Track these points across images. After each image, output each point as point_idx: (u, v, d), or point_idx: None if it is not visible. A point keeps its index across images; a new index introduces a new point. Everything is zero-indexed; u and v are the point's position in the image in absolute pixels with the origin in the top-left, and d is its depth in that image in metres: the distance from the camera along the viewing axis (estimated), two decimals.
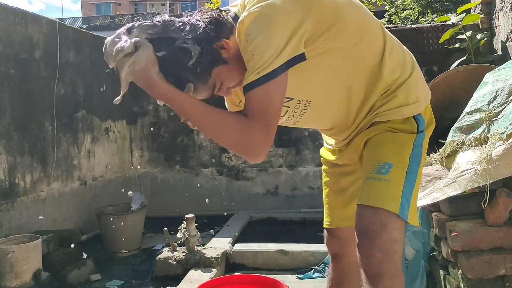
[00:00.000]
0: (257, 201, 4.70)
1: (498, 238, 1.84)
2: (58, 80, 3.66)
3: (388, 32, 1.35)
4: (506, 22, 3.21)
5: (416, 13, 12.59)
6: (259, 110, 1.11)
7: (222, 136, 1.16)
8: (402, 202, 1.22)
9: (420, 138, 1.31)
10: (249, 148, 1.13)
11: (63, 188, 3.71)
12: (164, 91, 1.14)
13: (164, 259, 3.04)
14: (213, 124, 1.15)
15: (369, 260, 1.20)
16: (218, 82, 1.19)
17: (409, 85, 1.31)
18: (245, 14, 1.13)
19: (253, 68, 1.10)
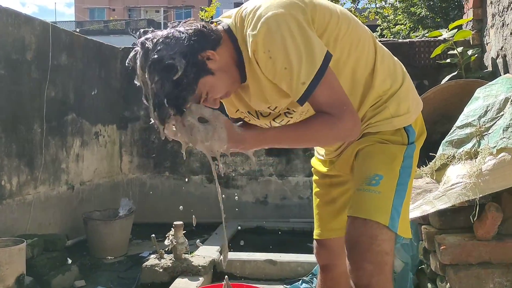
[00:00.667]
0: (246, 210, 4.67)
1: (486, 253, 1.85)
2: (49, 82, 3.63)
3: (379, 43, 1.36)
4: (497, 39, 3.26)
5: (407, 28, 12.73)
6: (332, 103, 1.16)
7: (324, 141, 1.26)
8: (392, 214, 1.22)
9: (410, 149, 1.32)
10: (349, 134, 1.22)
11: (50, 192, 3.66)
12: (255, 139, 1.20)
13: (150, 267, 3.00)
14: (309, 137, 1.21)
15: (359, 272, 1.20)
16: (204, 92, 1.19)
17: (400, 96, 1.32)
18: (252, 33, 1.14)
19: (294, 81, 1.13)
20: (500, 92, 2.09)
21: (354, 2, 11.79)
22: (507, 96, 2.03)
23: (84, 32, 16.17)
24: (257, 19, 1.13)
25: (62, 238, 3.24)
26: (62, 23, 26.48)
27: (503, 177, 1.82)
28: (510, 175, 1.81)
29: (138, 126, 4.84)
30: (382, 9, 13.19)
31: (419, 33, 10.95)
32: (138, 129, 4.84)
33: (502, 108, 2.02)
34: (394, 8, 13.68)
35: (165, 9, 35.29)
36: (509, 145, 1.84)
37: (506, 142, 1.86)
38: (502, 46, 3.15)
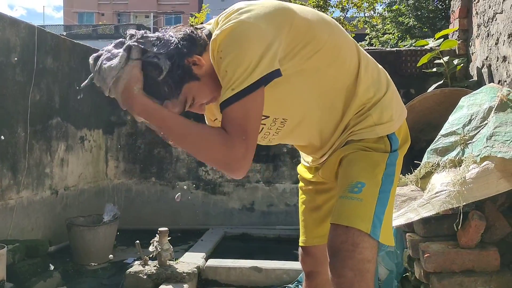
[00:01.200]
0: (233, 216, 4.65)
1: (469, 261, 1.85)
2: (34, 85, 3.59)
3: (363, 51, 1.36)
4: (482, 49, 3.30)
5: (396, 37, 12.90)
6: (237, 126, 1.10)
7: (203, 151, 1.15)
8: (374, 221, 1.21)
9: (393, 157, 1.32)
10: (229, 163, 1.12)
11: (33, 197, 3.60)
12: (144, 106, 1.13)
13: (134, 273, 2.96)
14: (193, 138, 1.13)
15: (340, 280, 1.19)
16: (189, 97, 1.18)
17: (383, 104, 1.32)
18: (217, 32, 1.13)
19: (228, 84, 1.10)
20: (484, 101, 2.11)
21: (343, 11, 11.91)
22: (491, 105, 2.05)
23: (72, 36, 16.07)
24: (227, 20, 1.13)
25: (45, 244, 3.18)
26: (50, 26, 26.31)
27: (486, 185, 1.83)
28: (493, 183, 1.82)
29: (124, 131, 4.80)
30: (371, 18, 13.34)
31: (407, 42, 11.08)
32: (124, 134, 4.80)
33: (486, 117, 2.04)
34: (382, 18, 13.83)
35: (154, 15, 35.26)
36: (493, 154, 1.85)
37: (490, 151, 1.87)
38: (487, 56, 3.19)
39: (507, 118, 1.97)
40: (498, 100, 2.04)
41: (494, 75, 3.06)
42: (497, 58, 2.99)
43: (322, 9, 11.37)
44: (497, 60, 2.99)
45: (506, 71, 2.83)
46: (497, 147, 1.87)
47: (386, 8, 13.56)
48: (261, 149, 4.61)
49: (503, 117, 1.98)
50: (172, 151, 4.75)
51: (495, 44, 3.02)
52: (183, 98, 1.18)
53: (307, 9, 1.27)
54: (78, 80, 4.18)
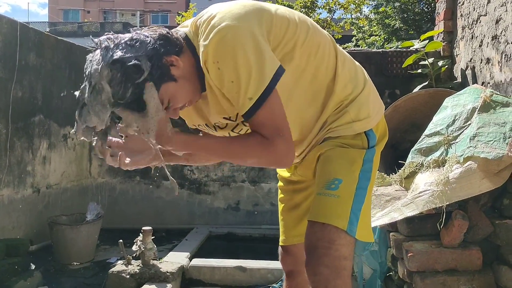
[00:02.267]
0: (218, 216, 4.63)
1: (452, 260, 1.86)
2: (16, 82, 3.52)
3: (339, 48, 1.36)
4: (466, 51, 3.33)
5: (382, 39, 12.99)
6: (271, 128, 1.14)
7: (251, 160, 1.20)
8: (350, 218, 1.21)
9: (370, 153, 1.32)
10: (279, 161, 1.19)
11: (14, 195, 3.53)
12: (184, 143, 1.17)
13: (117, 273, 2.92)
14: (238, 153, 1.18)
15: (316, 277, 1.19)
16: (165, 100, 1.16)
17: (360, 101, 1.32)
18: (205, 42, 1.12)
19: (242, 95, 1.11)
20: (468, 102, 2.12)
21: (330, 12, 11.96)
22: (475, 105, 2.07)
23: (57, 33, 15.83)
24: (210, 28, 1.12)
25: (25, 243, 3.13)
26: (34, 23, 25.92)
27: (469, 185, 1.84)
28: (476, 183, 1.83)
29: None
30: (357, 20, 13.43)
31: (393, 45, 11.18)
32: None
33: (470, 117, 2.06)
34: (369, 20, 13.93)
35: (141, 13, 35.01)
36: (476, 154, 1.87)
37: (473, 151, 1.89)
38: (471, 58, 3.22)
39: (490, 118, 1.98)
40: (481, 101, 2.06)
41: (477, 76, 3.10)
42: (481, 60, 3.03)
43: (309, 10, 11.41)
44: (481, 62, 3.03)
45: (489, 73, 2.87)
46: (480, 147, 1.89)
47: (373, 10, 13.66)
48: None
49: (486, 118, 1.99)
50: None
51: (479, 46, 3.05)
52: (160, 100, 1.15)
53: (283, 8, 1.28)
54: (61, 77, 4.12)
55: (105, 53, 1.11)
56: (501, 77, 2.67)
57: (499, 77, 2.70)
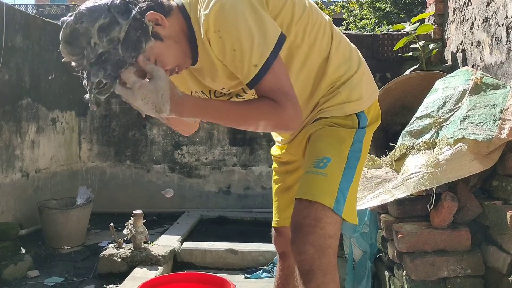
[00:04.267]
0: (209, 199, 4.64)
1: (441, 241, 1.88)
2: (2, 64, 3.46)
3: (336, 29, 1.36)
4: (457, 34, 3.33)
5: (372, 23, 12.93)
6: (278, 92, 1.14)
7: (263, 124, 1.19)
8: (338, 197, 1.21)
9: (360, 134, 1.32)
10: (287, 124, 1.18)
11: (2, 179, 3.50)
12: (196, 105, 1.15)
13: (108, 256, 2.92)
14: (250, 117, 1.17)
15: (301, 256, 1.18)
16: (152, 59, 1.14)
17: (353, 83, 1.32)
18: (205, 12, 1.11)
19: (246, 62, 1.10)
20: (459, 84, 2.13)
21: None
22: (465, 88, 2.07)
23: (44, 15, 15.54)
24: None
25: (15, 227, 3.11)
26: (21, 5, 25.44)
27: (459, 167, 1.85)
28: (466, 165, 1.85)
29: (98, 113, 4.70)
30: (348, 3, 13.34)
31: (384, 28, 11.13)
32: (98, 116, 4.70)
33: (460, 99, 2.06)
34: (360, 3, 13.85)
35: None
36: (466, 136, 1.88)
37: (463, 133, 1.89)
38: (462, 40, 3.22)
39: (480, 101, 1.99)
40: (472, 83, 2.07)
41: (468, 59, 3.10)
42: (471, 43, 3.03)
43: None
44: (471, 44, 3.03)
45: (480, 56, 2.87)
46: (470, 129, 1.89)
47: None
48: (237, 132, 4.59)
49: (477, 100, 2.00)
50: (147, 133, 4.68)
51: (469, 29, 3.05)
52: (146, 58, 1.14)
53: None
54: (49, 59, 4.05)
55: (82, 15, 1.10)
56: (491, 60, 2.67)
57: (489, 59, 2.70)
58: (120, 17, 1.08)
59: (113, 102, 4.66)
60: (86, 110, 4.69)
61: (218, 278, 1.95)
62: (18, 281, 2.84)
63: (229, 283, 1.85)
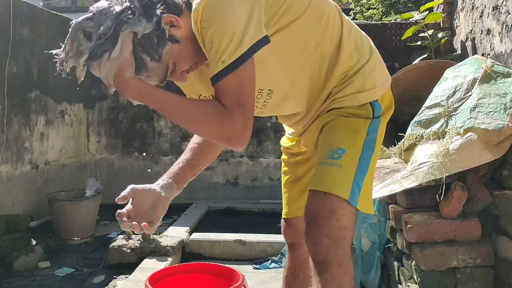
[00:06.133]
0: (217, 191, 4.65)
1: (451, 231, 1.87)
2: (10, 57, 3.47)
3: (345, 17, 1.33)
4: (467, 22, 3.29)
5: (380, 12, 12.81)
6: (233, 98, 1.07)
7: (202, 127, 1.12)
8: (353, 188, 1.19)
9: (375, 124, 1.29)
10: (230, 137, 1.10)
11: (12, 171, 3.53)
12: (138, 90, 1.10)
13: (118, 247, 2.95)
14: (191, 115, 1.10)
15: (316, 247, 1.17)
16: (171, 63, 1.13)
17: (366, 71, 1.29)
18: (197, 1, 1.08)
19: (216, 56, 1.06)
20: (469, 72, 2.10)
21: None
22: (475, 76, 2.05)
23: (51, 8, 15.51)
24: None
25: (25, 218, 3.14)
26: None
27: (469, 156, 1.84)
28: (476, 154, 1.83)
29: (106, 105, 4.72)
30: None
31: (391, 18, 11.03)
32: (106, 108, 4.72)
33: (470, 88, 2.03)
34: None
35: None
36: (476, 125, 1.86)
37: (473, 122, 1.87)
38: (471, 29, 3.18)
39: (490, 89, 1.97)
40: (482, 71, 2.04)
41: (477, 48, 3.06)
42: (481, 31, 2.99)
43: None
44: (481, 33, 2.99)
45: (489, 44, 2.83)
46: (481, 118, 1.87)
47: None
48: None
49: (487, 89, 1.98)
50: (155, 125, 4.69)
51: (479, 17, 3.01)
52: (164, 64, 1.12)
53: None
54: None
55: (116, 18, 1.08)
56: (501, 48, 2.64)
57: (499, 48, 2.67)
58: (142, 18, 1.07)
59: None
60: (94, 103, 4.71)
61: (227, 269, 1.95)
62: (30, 272, 2.88)
63: (238, 274, 1.85)
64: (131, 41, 1.07)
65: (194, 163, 1.40)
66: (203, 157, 1.41)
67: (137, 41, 1.07)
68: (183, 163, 1.40)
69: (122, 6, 1.08)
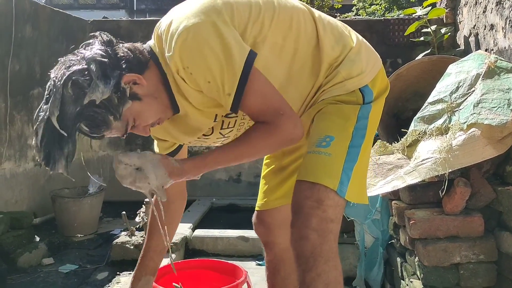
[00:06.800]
0: (220, 187, 4.65)
1: (454, 227, 1.87)
2: (13, 55, 3.47)
3: (317, 12, 1.31)
4: (470, 17, 3.27)
5: (382, 8, 12.77)
6: (267, 111, 1.12)
7: (267, 150, 1.23)
8: (341, 178, 1.15)
9: (365, 110, 1.25)
10: (290, 139, 1.16)
11: (15, 169, 3.54)
12: (194, 169, 1.17)
13: (121, 244, 2.96)
14: (250, 153, 1.18)
15: (302, 242, 1.13)
16: (130, 119, 1.14)
17: (350, 59, 1.26)
18: (169, 53, 1.08)
19: (220, 93, 1.09)
20: (472, 68, 2.09)
21: None
22: (479, 72, 2.04)
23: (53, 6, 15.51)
24: (170, 37, 1.08)
25: (29, 215, 3.15)
26: None
27: (472, 152, 1.83)
28: (479, 150, 1.82)
29: None
30: None
31: (394, 14, 10.99)
32: None
33: (474, 84, 2.03)
34: None
35: None
36: (479, 121, 1.85)
37: (476, 118, 1.87)
38: (474, 24, 3.17)
39: (494, 85, 1.96)
40: (485, 67, 2.03)
41: (481, 43, 3.05)
42: (484, 27, 2.97)
43: None
44: (484, 28, 2.98)
45: (493, 40, 2.82)
46: (484, 114, 1.87)
47: None
48: None
49: (491, 84, 1.97)
50: None
51: (482, 12, 3.00)
52: (124, 121, 1.13)
53: None
54: (59, 50, 4.06)
55: (64, 72, 1.09)
56: (505, 44, 2.62)
57: (502, 43, 2.66)
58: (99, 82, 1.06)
59: None
60: None
61: (230, 265, 1.96)
62: (33, 268, 2.89)
63: (241, 270, 1.86)
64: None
65: (159, 248, 1.49)
66: (159, 238, 1.43)
67: (98, 104, 1.07)
68: (149, 253, 1.49)
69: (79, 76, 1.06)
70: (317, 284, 1.11)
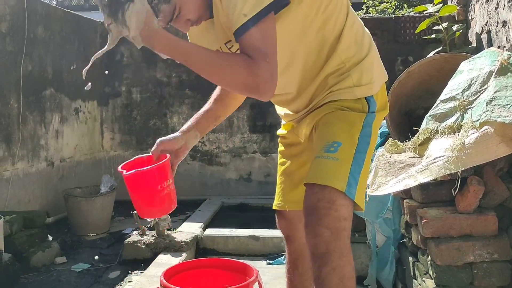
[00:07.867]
0: (230, 187, 4.66)
1: (467, 226, 1.85)
2: (25, 55, 3.51)
3: (352, 11, 1.35)
4: (482, 14, 3.24)
5: (393, 6, 12.69)
6: (259, 50, 1.12)
7: (230, 77, 1.16)
8: (349, 181, 1.21)
9: (370, 118, 1.31)
10: (257, 86, 1.14)
11: (28, 168, 3.58)
12: (166, 41, 1.14)
13: (132, 243, 2.98)
14: (219, 66, 1.15)
15: (316, 239, 1.18)
16: (177, 7, 1.17)
17: (364, 66, 1.32)
18: None
19: (238, 11, 1.10)
20: (485, 65, 2.07)
21: None
22: (491, 69, 2.01)
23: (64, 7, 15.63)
24: None
25: (42, 215, 3.18)
26: None
27: (485, 150, 1.81)
28: (492, 148, 1.80)
29: (119, 102, 4.75)
30: None
31: (405, 11, 10.90)
32: (119, 106, 4.75)
33: (486, 81, 2.00)
34: None
35: None
36: (492, 118, 1.83)
37: (489, 115, 1.84)
38: (486, 21, 3.13)
39: (507, 82, 1.93)
40: (498, 64, 2.00)
41: (493, 40, 3.01)
42: (496, 23, 2.94)
43: None
44: (496, 25, 2.94)
45: (506, 36, 2.79)
46: (497, 111, 1.84)
47: None
48: (257, 119, 4.59)
49: (503, 81, 1.94)
50: (168, 122, 4.71)
51: (495, 8, 2.96)
52: (172, 5, 1.16)
53: None
54: (71, 50, 4.10)
55: None
56: None
57: None
58: None
59: (134, 91, 4.70)
60: (108, 100, 4.74)
61: (241, 264, 1.95)
62: (47, 267, 2.92)
63: (251, 269, 1.85)
64: None
65: (217, 115, 1.50)
66: (225, 109, 1.50)
67: None
68: (207, 113, 1.50)
69: None
70: (332, 278, 1.15)
